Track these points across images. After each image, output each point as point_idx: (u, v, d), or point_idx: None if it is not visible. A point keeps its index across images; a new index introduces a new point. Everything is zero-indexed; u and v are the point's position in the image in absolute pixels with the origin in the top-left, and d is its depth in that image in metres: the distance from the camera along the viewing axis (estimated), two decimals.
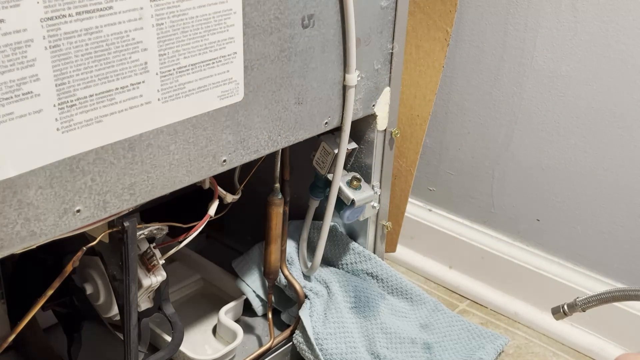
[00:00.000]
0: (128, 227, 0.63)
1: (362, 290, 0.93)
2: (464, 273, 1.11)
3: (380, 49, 0.81)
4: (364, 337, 0.89)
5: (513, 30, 0.96)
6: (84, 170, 0.55)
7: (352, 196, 0.84)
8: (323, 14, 0.71)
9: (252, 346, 0.89)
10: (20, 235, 0.53)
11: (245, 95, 0.66)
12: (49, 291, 0.65)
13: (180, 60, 0.59)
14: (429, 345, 0.91)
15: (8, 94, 0.48)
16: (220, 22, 0.61)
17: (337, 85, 0.76)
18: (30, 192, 0.52)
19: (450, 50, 1.02)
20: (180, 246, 0.72)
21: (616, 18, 0.86)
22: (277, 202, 0.84)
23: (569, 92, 0.93)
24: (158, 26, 0.56)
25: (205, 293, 1.00)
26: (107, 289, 0.72)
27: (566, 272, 1.00)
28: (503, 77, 1.00)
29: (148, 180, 0.61)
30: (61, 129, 0.52)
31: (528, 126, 0.99)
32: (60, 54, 0.50)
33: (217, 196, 0.74)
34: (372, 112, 0.84)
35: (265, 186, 0.84)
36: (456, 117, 1.06)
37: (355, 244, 0.96)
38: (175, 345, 0.75)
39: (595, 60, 0.90)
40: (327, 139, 0.83)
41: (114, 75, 0.54)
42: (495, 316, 1.05)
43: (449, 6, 0.93)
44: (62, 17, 0.49)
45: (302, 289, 0.89)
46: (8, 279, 0.76)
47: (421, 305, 0.97)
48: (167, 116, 0.60)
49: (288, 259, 0.92)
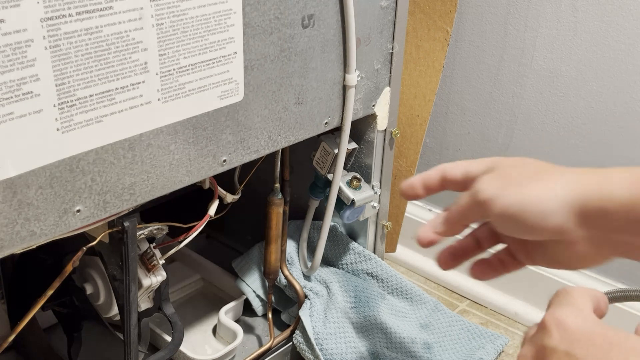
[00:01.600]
0: (128, 227, 0.63)
1: (362, 290, 0.93)
2: (464, 273, 1.11)
3: (380, 49, 0.81)
4: (364, 337, 0.89)
5: (513, 30, 0.96)
6: (84, 170, 0.55)
7: (352, 196, 0.84)
8: (323, 14, 0.71)
9: (252, 346, 0.90)
10: (20, 235, 0.53)
11: (245, 95, 0.66)
12: (49, 291, 0.65)
13: (180, 60, 0.59)
14: (429, 345, 0.91)
15: (8, 94, 0.48)
16: (220, 22, 0.61)
17: (337, 85, 0.76)
18: (30, 192, 0.52)
19: (450, 50, 1.02)
20: (180, 246, 0.72)
21: (616, 18, 0.86)
22: (277, 202, 0.84)
23: (569, 92, 0.93)
24: (158, 26, 0.56)
25: (205, 293, 1.00)
26: (107, 289, 0.72)
27: (566, 272, 1.00)
28: (503, 77, 1.00)
29: (148, 180, 0.61)
30: (61, 129, 0.52)
31: (528, 126, 0.99)
32: (60, 54, 0.50)
33: (217, 196, 0.74)
34: (372, 112, 0.84)
35: (265, 186, 0.84)
36: (456, 117, 1.06)
37: (355, 244, 0.96)
38: (175, 345, 0.75)
39: (595, 60, 0.90)
40: (327, 139, 0.83)
41: (114, 75, 0.54)
42: (495, 316, 1.05)
43: (449, 6, 0.93)
44: (62, 17, 0.49)
45: (302, 289, 0.89)
46: (8, 279, 0.76)
47: (421, 305, 0.97)
48: (167, 116, 0.60)
49: (288, 259, 0.92)
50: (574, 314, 0.45)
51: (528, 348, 0.47)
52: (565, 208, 0.50)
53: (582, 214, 0.50)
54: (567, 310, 0.46)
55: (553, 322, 0.45)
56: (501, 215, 0.53)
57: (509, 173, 0.55)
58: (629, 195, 0.47)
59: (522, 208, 0.52)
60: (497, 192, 0.53)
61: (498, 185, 0.54)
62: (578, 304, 0.46)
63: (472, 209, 0.56)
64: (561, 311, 0.46)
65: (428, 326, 0.95)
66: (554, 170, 0.54)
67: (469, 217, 0.58)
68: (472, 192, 0.56)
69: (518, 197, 0.52)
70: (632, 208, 0.47)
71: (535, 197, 0.52)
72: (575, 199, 0.50)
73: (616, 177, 0.49)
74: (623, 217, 0.47)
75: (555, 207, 0.51)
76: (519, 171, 0.55)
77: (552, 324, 0.45)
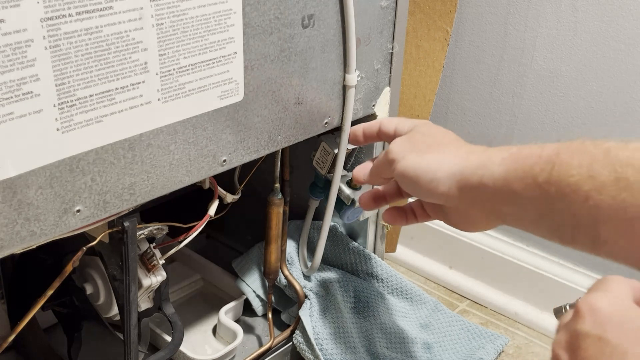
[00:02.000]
0: (128, 227, 0.63)
1: (362, 290, 0.93)
2: (464, 273, 1.11)
3: (380, 49, 0.81)
4: (364, 337, 0.89)
5: (513, 30, 0.96)
6: (84, 170, 0.55)
7: (352, 196, 0.84)
8: (323, 14, 0.71)
9: (252, 346, 0.90)
10: (20, 235, 0.53)
11: (245, 95, 0.66)
12: (49, 291, 0.65)
13: (180, 60, 0.59)
14: (429, 345, 0.91)
15: (8, 94, 0.48)
16: (220, 22, 0.61)
17: (337, 85, 0.76)
18: (30, 192, 0.52)
19: (450, 50, 1.02)
20: (180, 246, 0.72)
21: (616, 18, 0.86)
22: (277, 202, 0.84)
23: (569, 92, 0.93)
24: (158, 26, 0.56)
25: (205, 293, 1.00)
26: (107, 289, 0.72)
27: (566, 272, 1.00)
28: (503, 77, 1.00)
29: (148, 180, 0.61)
30: (61, 129, 0.52)
31: (528, 126, 0.99)
32: (60, 54, 0.50)
33: (217, 196, 0.74)
34: (372, 112, 0.84)
35: (265, 186, 0.84)
36: (456, 117, 1.06)
37: (355, 244, 0.96)
38: (175, 345, 0.75)
39: (595, 60, 0.90)
40: (327, 139, 0.83)
41: (114, 75, 0.54)
42: (495, 316, 1.05)
43: (449, 6, 0.93)
44: (62, 17, 0.49)
45: (302, 289, 0.89)
46: (8, 279, 0.76)
47: (421, 305, 0.97)
48: (167, 116, 0.60)
49: (288, 259, 0.92)
50: (607, 298, 0.45)
51: (562, 334, 0.46)
52: (451, 179, 0.58)
53: (463, 186, 0.57)
54: (601, 296, 0.46)
55: (586, 307, 0.45)
56: (400, 175, 0.62)
57: (417, 139, 0.64)
58: (504, 171, 0.53)
59: (416, 173, 0.60)
60: (402, 154, 0.63)
61: (405, 149, 0.63)
62: (613, 290, 0.46)
63: (383, 165, 0.66)
64: (595, 296, 0.46)
65: (428, 326, 0.95)
66: (454, 145, 0.63)
67: (381, 172, 0.67)
68: (386, 150, 0.65)
69: (414, 163, 0.61)
70: (504, 183, 0.53)
71: (426, 166, 0.60)
72: (458, 172, 0.57)
73: (496, 154, 0.55)
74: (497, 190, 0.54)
75: (442, 177, 0.58)
76: (426, 140, 0.64)
77: (585, 309, 0.45)
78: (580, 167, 0.48)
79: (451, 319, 0.96)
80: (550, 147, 0.51)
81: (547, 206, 0.50)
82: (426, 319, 0.96)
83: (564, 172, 0.49)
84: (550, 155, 0.50)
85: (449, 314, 0.97)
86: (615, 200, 0.46)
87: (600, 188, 0.46)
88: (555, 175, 0.49)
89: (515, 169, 0.53)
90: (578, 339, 0.44)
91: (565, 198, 0.49)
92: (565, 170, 0.49)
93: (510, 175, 0.53)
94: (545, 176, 0.50)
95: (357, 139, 0.75)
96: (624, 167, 0.46)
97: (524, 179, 0.52)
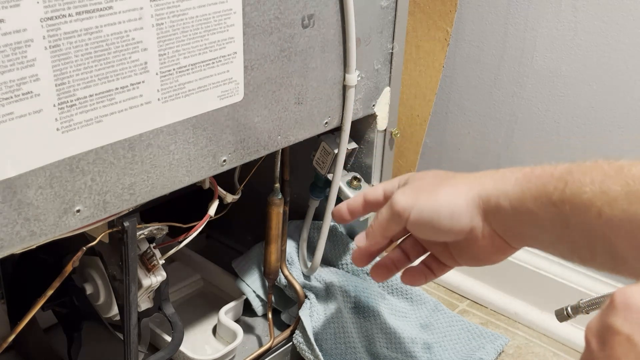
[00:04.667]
0: (128, 227, 0.63)
1: (362, 290, 0.93)
2: (464, 273, 1.11)
3: (380, 48, 0.81)
4: (364, 337, 0.89)
5: (513, 30, 0.96)
6: (84, 170, 0.55)
7: (352, 196, 0.84)
8: (323, 14, 0.71)
9: (252, 346, 0.90)
10: (20, 235, 0.53)
11: (245, 95, 0.66)
12: (49, 291, 0.65)
13: (180, 60, 0.59)
14: (429, 345, 0.91)
15: (8, 94, 0.48)
16: (220, 22, 0.61)
17: (337, 85, 0.76)
18: (30, 192, 0.52)
19: (450, 50, 1.02)
20: (180, 246, 0.72)
21: (616, 18, 0.86)
22: (277, 202, 0.84)
23: (569, 92, 0.93)
24: (158, 26, 0.56)
25: (205, 293, 1.00)
26: (107, 289, 0.72)
27: (566, 272, 1.00)
28: (503, 77, 1.00)
29: (148, 180, 0.61)
30: (61, 129, 0.52)
31: (528, 126, 0.99)
32: (60, 54, 0.50)
33: (217, 196, 0.74)
34: (372, 112, 0.84)
35: (265, 186, 0.84)
36: (456, 117, 1.06)
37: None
38: (175, 345, 0.75)
39: (595, 60, 0.90)
40: (327, 139, 0.83)
41: (114, 75, 0.54)
42: (495, 316, 1.05)
43: (449, 6, 0.93)
44: (62, 17, 0.49)
45: (302, 289, 0.89)
46: (8, 279, 0.76)
47: (421, 305, 0.97)
48: (167, 116, 0.60)
49: (288, 259, 0.92)
50: None
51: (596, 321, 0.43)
52: (472, 205, 0.56)
53: (485, 209, 0.56)
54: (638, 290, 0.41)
55: (621, 299, 0.41)
56: (417, 221, 0.59)
57: (419, 184, 0.61)
58: (519, 192, 0.53)
59: (435, 211, 0.58)
60: (412, 201, 0.59)
61: (411, 196, 0.60)
62: None
63: (391, 220, 0.62)
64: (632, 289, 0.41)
65: (428, 326, 0.95)
66: (458, 176, 0.60)
67: (388, 229, 0.63)
68: (388, 204, 0.62)
69: (430, 203, 0.58)
70: (520, 203, 0.53)
71: (444, 201, 0.57)
72: (477, 196, 0.56)
73: (509, 176, 0.55)
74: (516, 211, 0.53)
75: (463, 206, 0.56)
76: (428, 181, 0.61)
77: (619, 300, 0.41)
78: (593, 183, 0.48)
79: (451, 319, 0.96)
80: (562, 166, 0.51)
81: (563, 224, 0.50)
82: (426, 319, 0.96)
83: (577, 189, 0.49)
84: (563, 173, 0.50)
85: (449, 314, 0.97)
86: (627, 214, 0.46)
87: (611, 202, 0.47)
88: (569, 193, 0.49)
89: (529, 188, 0.52)
90: (608, 333, 0.41)
91: (580, 215, 0.49)
92: (578, 187, 0.49)
93: (526, 195, 0.53)
94: (559, 194, 0.50)
95: (343, 216, 0.70)
96: (635, 181, 0.46)
97: (539, 198, 0.52)
